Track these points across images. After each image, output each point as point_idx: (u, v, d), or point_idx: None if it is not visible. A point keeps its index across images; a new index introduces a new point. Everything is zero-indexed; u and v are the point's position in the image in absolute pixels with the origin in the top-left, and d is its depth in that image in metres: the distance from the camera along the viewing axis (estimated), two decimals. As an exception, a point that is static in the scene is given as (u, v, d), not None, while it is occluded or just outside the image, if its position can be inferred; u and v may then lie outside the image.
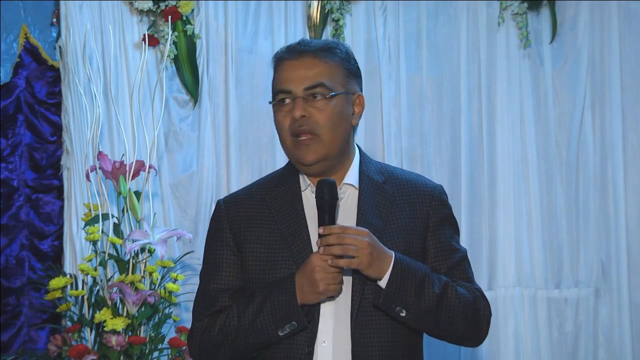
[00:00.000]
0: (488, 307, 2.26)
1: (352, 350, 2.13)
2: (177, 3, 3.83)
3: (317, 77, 2.18)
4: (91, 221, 3.45)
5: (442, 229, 2.27)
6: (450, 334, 2.22)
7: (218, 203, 2.32)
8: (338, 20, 3.96)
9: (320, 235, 2.08)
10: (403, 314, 2.13)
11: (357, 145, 2.32)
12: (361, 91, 2.28)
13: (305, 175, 2.25)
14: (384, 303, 2.12)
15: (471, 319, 2.21)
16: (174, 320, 3.53)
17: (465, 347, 3.96)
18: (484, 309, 2.24)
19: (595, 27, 4.07)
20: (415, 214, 2.24)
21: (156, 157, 3.70)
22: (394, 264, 2.11)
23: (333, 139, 2.19)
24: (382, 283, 2.11)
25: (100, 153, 3.49)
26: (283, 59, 2.22)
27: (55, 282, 3.37)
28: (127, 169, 3.48)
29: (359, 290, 2.15)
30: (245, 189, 2.35)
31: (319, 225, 2.11)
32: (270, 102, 2.25)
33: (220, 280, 2.23)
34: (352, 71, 2.25)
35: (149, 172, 3.54)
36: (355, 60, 2.28)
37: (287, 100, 2.19)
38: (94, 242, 3.39)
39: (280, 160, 3.86)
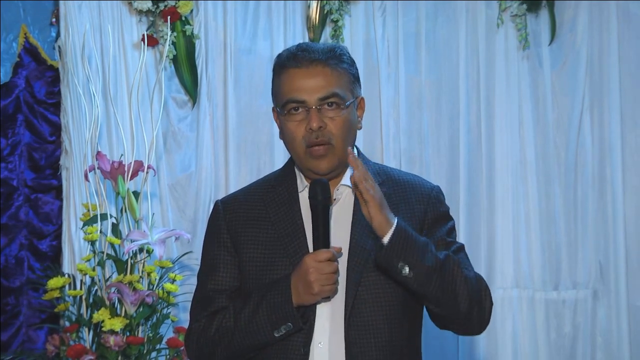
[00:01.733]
0: (489, 290, 2.22)
1: (346, 351, 2.12)
2: (176, 3, 3.83)
3: (331, 87, 2.18)
4: (90, 221, 3.45)
5: (439, 226, 2.26)
6: (456, 308, 2.15)
7: (216, 204, 2.32)
8: (337, 21, 3.96)
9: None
10: (406, 271, 2.08)
11: (356, 147, 2.32)
12: (361, 92, 2.29)
13: (302, 177, 2.26)
14: (385, 257, 2.08)
15: (475, 294, 2.16)
16: (172, 321, 3.53)
17: (462, 348, 3.97)
18: (486, 289, 2.20)
19: (594, 28, 4.07)
20: (412, 213, 2.24)
21: (155, 157, 3.71)
22: (397, 223, 2.08)
23: (345, 146, 2.19)
24: (385, 239, 2.07)
25: (98, 153, 3.49)
26: (289, 67, 2.20)
27: (54, 282, 3.37)
28: (126, 169, 3.48)
29: (352, 291, 2.14)
30: (243, 190, 2.35)
31: (312, 221, 2.11)
32: (277, 109, 2.24)
33: (218, 281, 2.23)
34: (356, 76, 2.25)
35: (147, 173, 3.54)
36: (355, 63, 2.28)
37: (300, 110, 2.19)
38: (93, 242, 3.40)
39: (279, 160, 3.87)
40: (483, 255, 4.02)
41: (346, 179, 2.24)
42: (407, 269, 2.08)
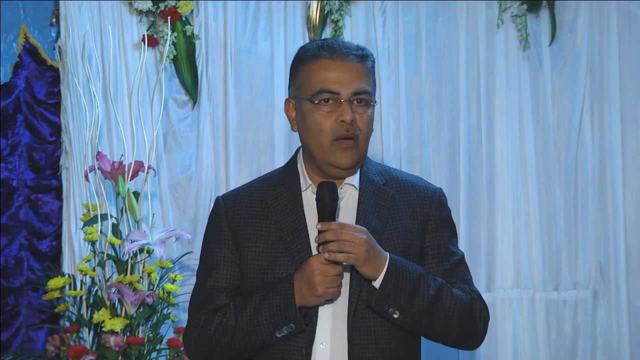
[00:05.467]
0: (485, 310, 2.25)
1: (348, 352, 2.13)
2: (176, 3, 3.83)
3: (364, 84, 2.19)
4: (90, 221, 3.45)
5: (441, 232, 2.27)
6: (445, 336, 2.21)
7: (217, 200, 2.31)
8: (337, 21, 3.96)
9: (318, 232, 2.08)
10: (396, 316, 2.12)
11: None
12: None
13: (306, 176, 2.25)
14: (376, 303, 2.12)
15: (467, 321, 2.20)
16: (172, 321, 3.53)
17: (463, 350, 3.97)
18: (481, 311, 2.24)
19: (595, 28, 4.07)
20: (414, 216, 2.24)
21: (155, 157, 3.70)
22: (388, 265, 2.11)
23: (366, 145, 2.23)
24: (376, 283, 2.11)
25: (99, 153, 3.49)
26: (324, 57, 2.20)
27: (54, 282, 3.37)
28: (126, 169, 3.47)
29: (356, 293, 2.15)
30: (245, 187, 2.34)
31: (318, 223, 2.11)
32: (302, 98, 2.21)
33: (218, 279, 2.23)
34: (375, 80, 2.27)
35: (147, 173, 3.54)
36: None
37: (330, 102, 2.19)
38: (93, 243, 3.39)
39: (279, 160, 3.87)
40: (483, 255, 4.02)
41: (350, 178, 2.25)
42: (397, 314, 2.13)
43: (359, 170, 2.27)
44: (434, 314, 2.15)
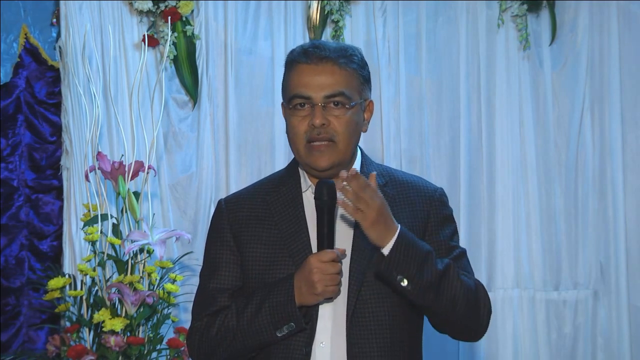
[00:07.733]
0: (488, 300, 2.25)
1: (347, 351, 2.13)
2: (176, 4, 3.83)
3: (338, 86, 2.18)
4: (90, 221, 3.45)
5: (442, 230, 2.27)
6: (451, 315, 2.18)
7: (219, 202, 2.32)
8: (338, 21, 3.96)
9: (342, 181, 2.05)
10: (404, 284, 2.10)
11: (360, 147, 2.33)
12: (371, 96, 2.29)
13: (306, 177, 2.26)
14: (385, 269, 2.09)
15: (472, 304, 2.18)
16: (173, 321, 3.53)
17: (463, 348, 3.96)
18: (485, 298, 2.23)
19: (595, 29, 4.07)
20: (415, 215, 2.24)
21: (155, 157, 3.70)
22: (399, 234, 2.09)
23: (347, 146, 2.21)
24: (385, 250, 2.09)
25: (99, 153, 3.49)
26: (299, 62, 2.21)
27: (54, 283, 3.37)
28: (126, 169, 3.48)
29: (354, 292, 2.15)
30: (247, 189, 2.36)
31: (317, 222, 2.11)
32: (283, 104, 2.25)
33: (220, 280, 2.24)
34: (366, 78, 2.26)
35: (148, 173, 3.54)
36: (368, 66, 2.28)
37: (306, 106, 2.19)
38: (93, 243, 3.39)
39: (280, 160, 3.87)
40: (483, 255, 4.02)
41: None
42: (405, 282, 2.10)
43: (359, 171, 2.27)
44: (441, 290, 2.13)
